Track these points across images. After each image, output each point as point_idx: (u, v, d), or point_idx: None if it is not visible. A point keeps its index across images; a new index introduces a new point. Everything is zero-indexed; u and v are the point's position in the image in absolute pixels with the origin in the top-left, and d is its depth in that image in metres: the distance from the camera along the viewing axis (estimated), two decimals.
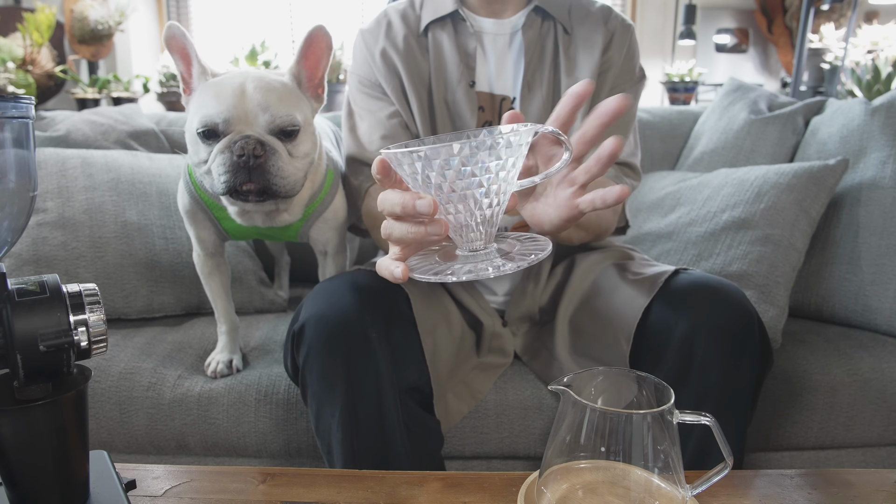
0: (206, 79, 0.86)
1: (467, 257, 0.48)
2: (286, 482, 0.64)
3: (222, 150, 0.80)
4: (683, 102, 2.87)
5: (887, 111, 1.27)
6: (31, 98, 0.44)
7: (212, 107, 0.81)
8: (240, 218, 0.95)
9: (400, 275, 0.50)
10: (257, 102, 0.82)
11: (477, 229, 0.47)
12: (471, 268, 0.46)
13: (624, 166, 0.99)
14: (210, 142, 0.82)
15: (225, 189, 0.81)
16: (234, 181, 0.80)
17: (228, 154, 0.80)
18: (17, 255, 1.19)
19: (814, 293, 1.26)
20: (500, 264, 0.46)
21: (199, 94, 0.85)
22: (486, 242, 0.48)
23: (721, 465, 0.54)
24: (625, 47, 0.97)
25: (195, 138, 0.84)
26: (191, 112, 0.86)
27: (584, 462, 0.51)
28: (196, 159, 0.85)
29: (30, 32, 2.31)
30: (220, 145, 0.81)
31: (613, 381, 0.56)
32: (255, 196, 0.82)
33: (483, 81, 0.97)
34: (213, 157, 0.81)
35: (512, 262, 0.46)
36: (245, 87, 0.82)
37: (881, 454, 1.08)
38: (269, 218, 0.95)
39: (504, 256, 0.48)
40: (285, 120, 0.83)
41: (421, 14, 1.00)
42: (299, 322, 0.79)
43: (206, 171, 0.83)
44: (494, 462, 1.04)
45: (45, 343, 0.45)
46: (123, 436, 1.03)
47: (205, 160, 0.83)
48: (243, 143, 0.79)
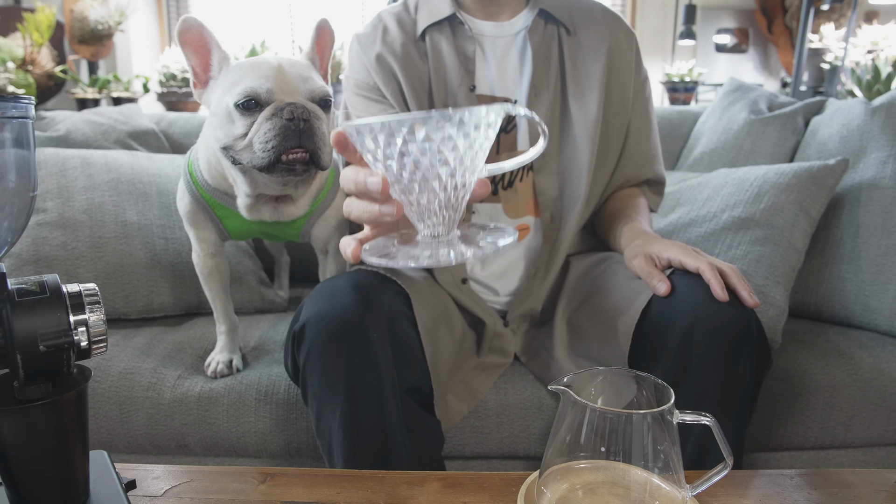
0: (228, 63, 0.87)
1: (428, 243, 0.45)
2: (286, 482, 0.64)
3: (269, 116, 0.81)
4: (683, 102, 2.87)
5: (887, 111, 1.27)
6: (31, 98, 0.44)
7: (252, 79, 0.82)
8: (248, 212, 0.95)
9: (349, 254, 0.49)
10: (296, 74, 0.84)
11: (440, 213, 0.44)
12: (430, 253, 0.43)
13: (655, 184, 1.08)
14: (251, 113, 0.82)
15: (273, 155, 0.80)
16: (284, 145, 0.80)
17: (277, 119, 0.80)
18: (17, 255, 1.19)
19: (814, 293, 1.26)
20: (462, 251, 0.43)
21: (229, 73, 0.86)
22: (449, 229, 0.45)
23: (721, 466, 0.54)
24: (632, 55, 0.99)
25: (230, 113, 0.83)
26: (221, 91, 0.86)
27: (584, 462, 0.51)
28: (231, 135, 0.84)
29: (30, 32, 2.31)
30: (266, 112, 0.81)
31: (613, 381, 0.56)
32: (301, 165, 0.82)
33: (484, 85, 0.97)
34: (259, 125, 0.81)
35: (476, 248, 0.43)
36: (280, 61, 0.85)
37: (881, 454, 1.08)
38: (277, 211, 0.95)
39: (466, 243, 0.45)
40: (324, 90, 0.86)
41: (417, 17, 0.99)
42: (300, 322, 0.79)
43: (247, 144, 0.82)
44: (494, 462, 1.04)
45: (45, 343, 0.45)
46: (123, 436, 1.03)
47: (243, 133, 0.83)
48: (291, 107, 0.80)
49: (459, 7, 0.98)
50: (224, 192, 0.97)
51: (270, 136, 0.80)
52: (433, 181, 0.41)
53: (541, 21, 0.97)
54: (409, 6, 1.01)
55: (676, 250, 0.82)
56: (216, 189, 0.97)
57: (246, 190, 0.91)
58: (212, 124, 0.87)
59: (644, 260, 0.84)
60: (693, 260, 0.79)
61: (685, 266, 0.80)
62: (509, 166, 0.49)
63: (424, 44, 0.98)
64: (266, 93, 0.82)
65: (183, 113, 1.79)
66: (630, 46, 0.99)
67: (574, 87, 0.96)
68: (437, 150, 0.40)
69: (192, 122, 1.67)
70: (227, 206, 0.98)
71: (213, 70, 0.88)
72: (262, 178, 0.87)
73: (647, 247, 0.85)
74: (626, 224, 0.94)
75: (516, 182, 0.98)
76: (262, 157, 0.81)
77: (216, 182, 0.97)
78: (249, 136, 0.82)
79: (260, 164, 0.82)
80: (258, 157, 0.82)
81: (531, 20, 0.97)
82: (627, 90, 0.99)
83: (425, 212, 0.44)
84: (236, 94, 0.82)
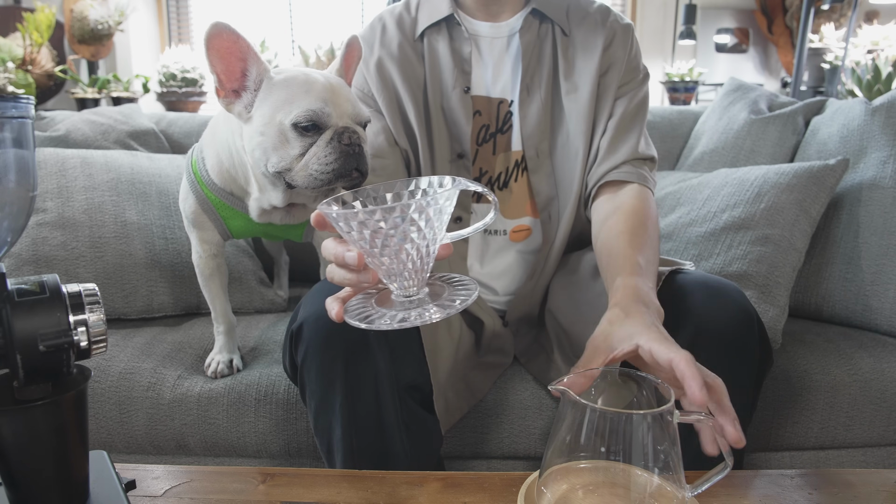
0: (269, 76, 0.85)
1: (402, 302, 0.52)
2: (286, 482, 0.64)
3: (329, 140, 0.83)
4: (683, 102, 2.87)
5: (887, 111, 1.27)
6: (30, 98, 0.44)
7: (310, 101, 0.83)
8: (259, 216, 0.95)
9: (334, 316, 0.54)
10: (346, 96, 0.86)
11: (410, 277, 0.51)
12: (403, 315, 0.50)
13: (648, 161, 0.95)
14: (309, 134, 0.83)
15: (333, 178, 0.84)
16: (344, 168, 0.84)
17: (336, 143, 0.83)
18: (16, 255, 1.19)
19: (814, 293, 1.26)
20: (431, 313, 0.50)
21: (277, 89, 0.84)
22: (419, 287, 0.53)
23: (721, 465, 0.54)
24: (627, 46, 0.96)
25: (285, 133, 0.83)
26: (270, 108, 0.84)
27: (584, 462, 0.51)
28: (287, 157, 0.84)
29: (30, 32, 2.31)
30: (326, 135, 0.83)
31: (613, 381, 0.56)
32: (360, 178, 0.86)
33: (479, 85, 0.97)
34: (318, 148, 0.83)
35: (441, 310, 0.50)
36: (329, 81, 0.86)
37: (881, 454, 1.08)
38: (289, 215, 0.97)
39: (434, 300, 0.52)
40: (365, 113, 0.89)
41: (417, 17, 0.99)
42: (297, 321, 0.79)
43: (303, 166, 0.84)
44: (494, 462, 1.04)
45: (45, 343, 0.45)
46: (123, 436, 1.03)
47: (299, 154, 0.84)
48: (349, 133, 0.84)
49: (459, 7, 0.98)
50: (230, 193, 0.97)
51: (331, 159, 0.83)
52: (401, 254, 0.49)
53: (534, 21, 0.97)
54: (410, 6, 1.01)
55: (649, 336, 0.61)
56: (222, 189, 0.97)
57: (274, 202, 0.91)
58: (259, 143, 0.84)
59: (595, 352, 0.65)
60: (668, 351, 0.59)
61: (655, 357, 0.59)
62: (467, 233, 0.57)
63: (422, 45, 0.98)
64: (326, 116, 0.83)
65: (183, 113, 1.79)
66: (626, 37, 0.97)
67: (568, 85, 0.95)
68: (402, 232, 0.47)
69: (191, 122, 1.67)
70: (232, 207, 0.98)
71: (248, 80, 0.85)
72: (307, 192, 0.88)
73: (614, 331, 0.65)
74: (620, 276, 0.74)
75: (511, 182, 0.98)
76: (321, 180, 0.84)
77: (224, 183, 0.97)
78: (307, 158, 0.83)
79: (317, 186, 0.84)
80: (316, 180, 0.84)
81: (523, 19, 0.97)
82: (628, 84, 0.96)
83: (397, 275, 0.51)
84: (295, 116, 0.82)
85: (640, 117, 0.96)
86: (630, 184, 0.91)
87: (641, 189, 0.90)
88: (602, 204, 0.91)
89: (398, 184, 0.55)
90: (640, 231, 0.81)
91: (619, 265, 0.76)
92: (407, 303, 0.53)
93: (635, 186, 0.90)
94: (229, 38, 0.82)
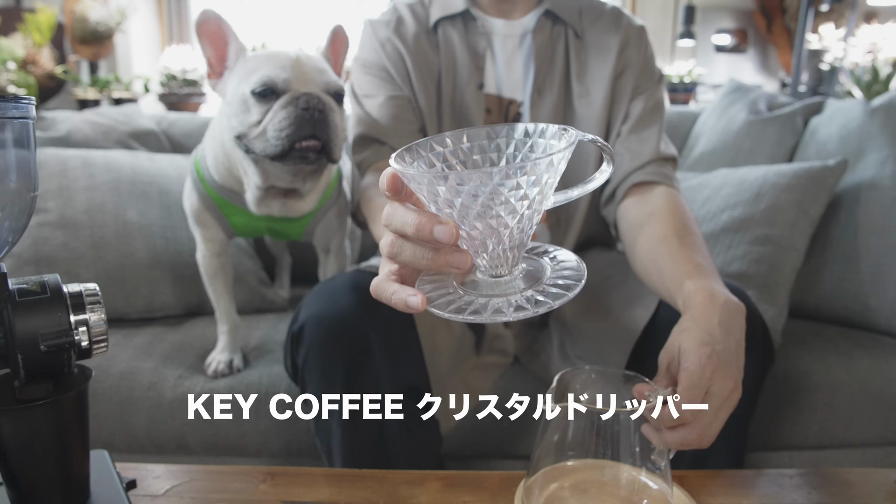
0: (245, 53, 0.89)
1: (490, 284, 0.42)
2: (286, 482, 0.64)
3: (285, 104, 0.82)
4: (683, 103, 2.87)
5: (886, 111, 1.27)
6: (31, 98, 0.44)
7: (269, 68, 0.83)
8: (256, 206, 0.95)
9: (418, 305, 0.42)
10: (313, 66, 0.86)
11: (504, 255, 0.41)
12: (499, 304, 0.40)
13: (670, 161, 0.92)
14: (267, 101, 0.83)
15: (287, 143, 0.82)
16: (298, 134, 0.82)
17: (293, 108, 0.82)
18: (17, 255, 1.19)
19: (814, 293, 1.27)
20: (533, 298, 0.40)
21: (247, 62, 0.87)
22: (512, 267, 0.42)
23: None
24: (642, 49, 0.95)
25: (247, 101, 0.84)
26: (237, 79, 0.87)
27: (572, 461, 0.51)
28: (246, 122, 0.85)
29: (30, 33, 2.31)
30: (282, 101, 0.82)
31: (604, 380, 0.56)
32: (313, 154, 0.83)
33: (491, 83, 0.96)
34: (274, 113, 0.82)
35: (546, 299, 0.40)
36: (297, 53, 0.86)
37: (881, 454, 1.09)
38: (286, 206, 0.96)
39: (531, 284, 0.41)
40: (338, 84, 0.87)
41: (430, 9, 0.97)
42: (298, 322, 0.79)
43: (261, 131, 0.83)
44: (494, 462, 1.04)
45: (46, 343, 0.45)
46: (124, 435, 1.03)
47: (258, 121, 0.84)
48: (307, 97, 0.82)
49: (473, 3, 0.96)
50: (231, 190, 0.98)
51: (285, 124, 0.81)
52: (500, 227, 0.38)
53: (547, 22, 0.96)
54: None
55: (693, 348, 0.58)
56: (223, 186, 0.98)
57: (256, 182, 0.92)
58: (226, 113, 0.88)
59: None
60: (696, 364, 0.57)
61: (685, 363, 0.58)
62: (576, 194, 0.46)
63: (437, 36, 0.96)
64: (283, 82, 0.83)
65: (184, 113, 1.80)
66: (641, 39, 0.96)
67: (580, 88, 0.94)
68: (504, 199, 0.37)
69: (192, 122, 1.68)
70: (233, 204, 0.99)
71: (229, 60, 0.89)
72: (274, 168, 0.88)
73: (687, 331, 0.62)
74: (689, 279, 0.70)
75: None
76: (276, 145, 0.82)
77: (223, 179, 0.98)
78: (264, 123, 0.83)
79: (273, 153, 0.83)
80: (271, 145, 0.83)
81: (536, 20, 0.96)
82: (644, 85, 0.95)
83: (489, 253, 0.41)
84: (253, 82, 0.83)
85: (658, 117, 0.94)
86: (658, 186, 0.87)
87: (670, 191, 0.86)
88: (631, 209, 0.88)
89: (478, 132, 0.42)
90: (685, 232, 0.77)
91: (679, 269, 0.71)
92: (494, 284, 0.42)
93: (664, 189, 0.86)
94: (215, 22, 0.87)
